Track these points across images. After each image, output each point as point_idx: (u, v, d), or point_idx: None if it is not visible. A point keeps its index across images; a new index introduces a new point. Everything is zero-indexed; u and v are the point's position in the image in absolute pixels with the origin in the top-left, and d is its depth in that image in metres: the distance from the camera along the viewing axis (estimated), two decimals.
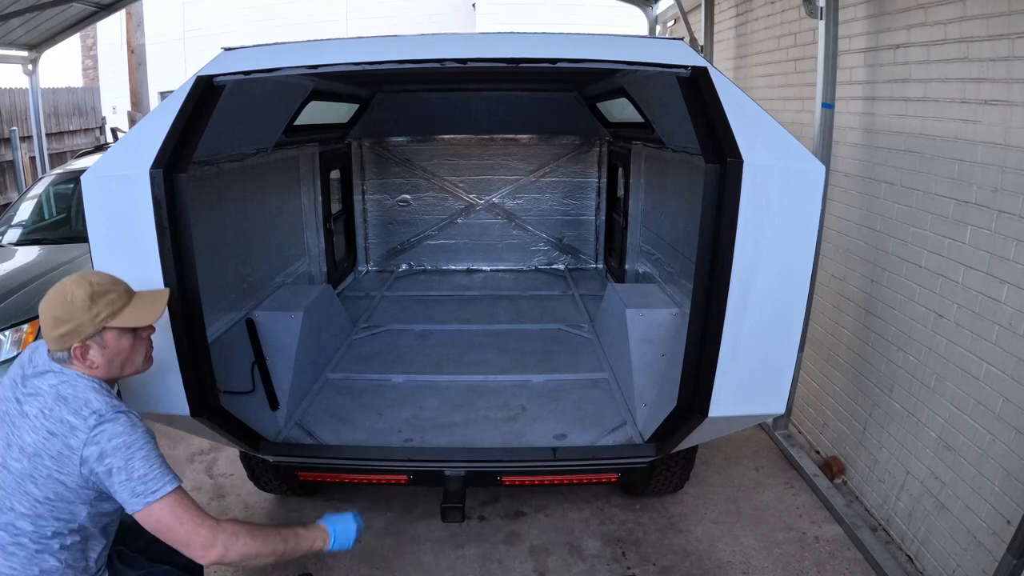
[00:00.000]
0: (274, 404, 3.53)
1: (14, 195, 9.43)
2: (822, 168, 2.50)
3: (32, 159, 9.14)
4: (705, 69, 2.64)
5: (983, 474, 2.99)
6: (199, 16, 17.65)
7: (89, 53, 19.72)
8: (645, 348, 3.74)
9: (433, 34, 2.89)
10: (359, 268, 6.55)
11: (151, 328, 2.24)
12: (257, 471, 3.75)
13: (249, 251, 4.19)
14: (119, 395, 2.44)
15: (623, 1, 8.66)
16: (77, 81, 18.64)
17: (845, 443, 4.13)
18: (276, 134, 4.24)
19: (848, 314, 4.17)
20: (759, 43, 5.47)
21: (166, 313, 2.51)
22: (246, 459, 3.69)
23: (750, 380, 2.60)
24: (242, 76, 2.75)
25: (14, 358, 4.11)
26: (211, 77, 2.73)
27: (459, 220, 6.61)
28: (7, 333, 4.16)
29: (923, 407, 3.43)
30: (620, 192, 5.97)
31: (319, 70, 2.78)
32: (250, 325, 3.73)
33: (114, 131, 10.29)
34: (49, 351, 2.08)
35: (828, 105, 3.95)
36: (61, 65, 16.14)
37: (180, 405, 2.66)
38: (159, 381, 2.62)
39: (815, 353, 4.48)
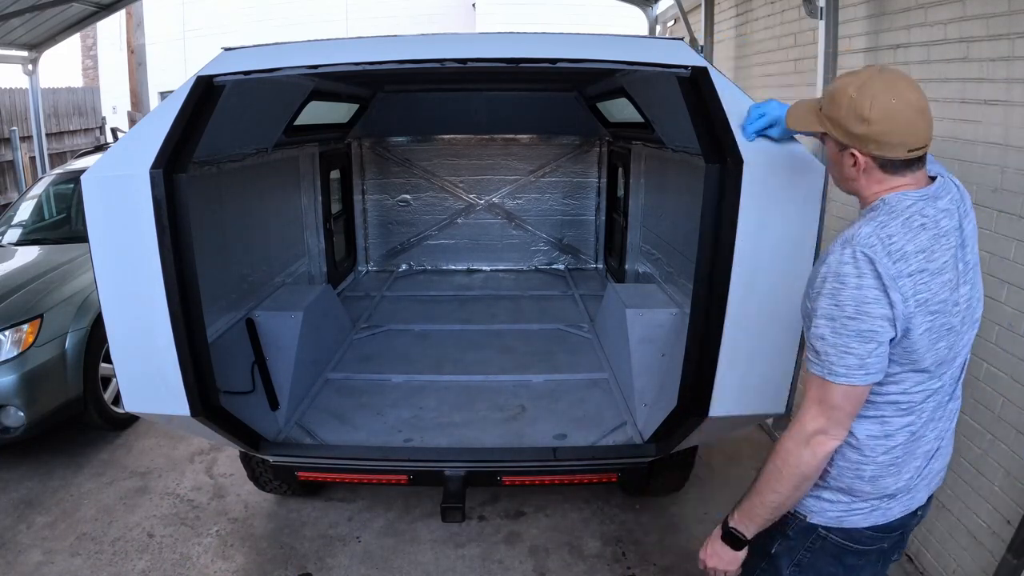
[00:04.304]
0: (274, 404, 3.53)
1: (14, 195, 9.43)
2: (822, 168, 2.49)
3: (32, 159, 9.14)
4: (705, 69, 2.64)
5: (983, 474, 2.98)
6: (199, 16, 17.65)
7: (89, 53, 19.72)
8: (645, 348, 3.73)
9: (433, 34, 2.89)
10: (359, 268, 6.55)
11: None
12: (257, 471, 3.75)
13: (249, 251, 4.19)
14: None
15: (623, 1, 8.67)
16: (77, 81, 18.63)
17: None
18: (276, 134, 4.24)
19: None
20: (759, 43, 5.47)
21: (165, 313, 2.51)
22: (246, 459, 3.69)
23: (750, 380, 2.60)
24: (242, 76, 2.74)
25: (14, 358, 4.12)
26: (211, 77, 2.72)
27: (459, 220, 6.61)
28: (7, 333, 4.15)
29: None
30: (620, 192, 5.97)
31: (319, 70, 2.78)
32: (250, 325, 3.73)
33: (114, 131, 10.27)
34: None
35: None
36: (61, 65, 16.13)
37: (180, 405, 2.66)
38: (159, 381, 2.62)
39: None
